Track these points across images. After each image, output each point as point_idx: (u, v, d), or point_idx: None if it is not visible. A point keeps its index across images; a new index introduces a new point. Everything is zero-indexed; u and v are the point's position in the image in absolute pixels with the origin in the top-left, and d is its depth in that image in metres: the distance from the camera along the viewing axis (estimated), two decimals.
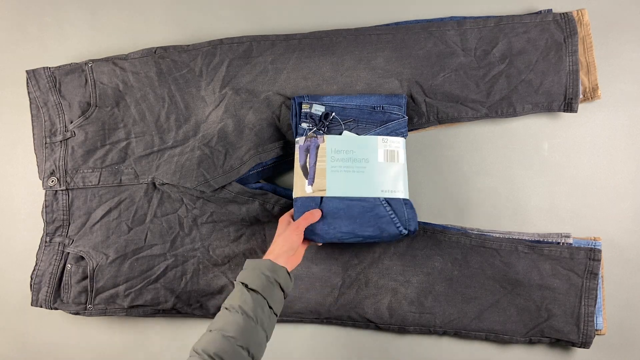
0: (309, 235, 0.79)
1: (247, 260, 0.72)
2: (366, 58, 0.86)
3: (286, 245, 0.73)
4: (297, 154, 0.83)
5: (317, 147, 0.82)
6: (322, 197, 0.80)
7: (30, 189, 0.93)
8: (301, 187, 0.81)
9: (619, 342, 0.86)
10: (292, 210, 0.82)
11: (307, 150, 0.82)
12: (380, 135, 0.82)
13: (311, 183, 0.81)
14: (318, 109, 0.83)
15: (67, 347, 0.93)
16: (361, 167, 0.81)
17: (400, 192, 0.81)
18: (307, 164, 0.82)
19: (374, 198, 0.80)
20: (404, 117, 0.83)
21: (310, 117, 0.83)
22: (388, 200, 0.80)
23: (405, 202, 0.81)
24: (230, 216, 0.86)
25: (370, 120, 0.83)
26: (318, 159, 0.82)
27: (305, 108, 0.83)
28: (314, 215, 0.78)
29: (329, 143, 0.82)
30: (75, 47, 0.95)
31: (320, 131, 0.83)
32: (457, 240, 0.85)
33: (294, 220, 0.79)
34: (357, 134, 0.83)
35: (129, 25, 0.95)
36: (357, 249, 0.87)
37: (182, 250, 0.87)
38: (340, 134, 0.83)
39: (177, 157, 0.86)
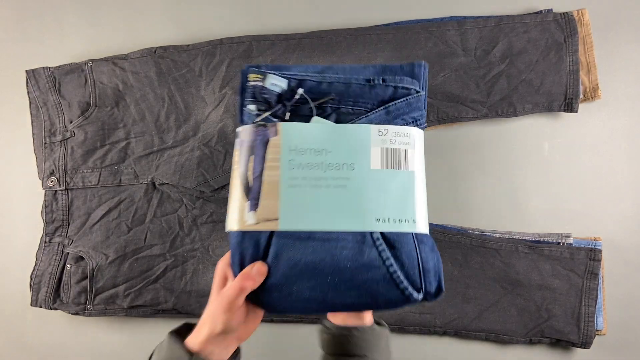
0: (252, 300, 0.50)
1: (168, 334, 0.50)
2: (366, 58, 0.86)
3: (218, 326, 0.48)
4: (237, 155, 0.51)
5: (266, 144, 0.49)
6: (271, 234, 0.48)
7: (30, 189, 0.93)
8: (238, 214, 0.49)
9: (620, 343, 0.86)
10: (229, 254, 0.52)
11: (251, 149, 0.50)
12: (375, 123, 0.50)
13: (254, 207, 0.48)
14: (276, 83, 0.50)
15: (67, 348, 0.92)
16: (341, 178, 0.49)
17: (411, 221, 0.49)
18: (249, 173, 0.49)
19: (362, 234, 0.48)
20: (418, 91, 0.52)
21: (261, 94, 0.50)
22: (387, 238, 0.48)
23: (421, 239, 0.50)
24: None
25: (361, 99, 0.51)
26: (267, 163, 0.49)
27: (253, 80, 0.50)
28: (252, 278, 0.47)
29: (287, 136, 0.49)
30: (75, 46, 0.95)
31: (276, 119, 0.50)
32: (457, 240, 0.85)
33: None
34: (337, 120, 0.51)
35: (128, 25, 0.95)
36: None
37: (182, 250, 0.86)
38: (309, 120, 0.50)
39: (177, 157, 0.86)
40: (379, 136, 0.50)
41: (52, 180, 0.87)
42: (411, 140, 0.51)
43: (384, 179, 0.49)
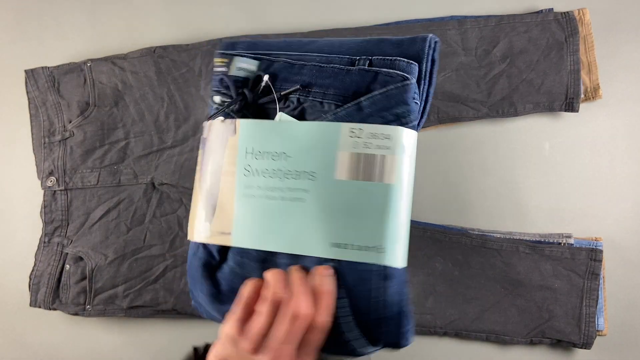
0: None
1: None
2: None
3: None
4: (200, 154, 0.46)
5: (225, 144, 0.42)
6: (224, 250, 0.43)
7: (29, 189, 0.93)
8: (196, 223, 0.44)
9: (621, 343, 0.86)
10: None
11: (213, 150, 0.44)
12: (346, 120, 0.40)
13: (210, 217, 0.43)
14: (244, 67, 0.44)
15: (66, 348, 0.92)
16: (299, 190, 0.39)
17: (376, 249, 0.38)
18: (207, 178, 0.43)
19: (316, 261, 0.40)
20: (405, 78, 0.40)
21: (223, 84, 0.44)
22: (341, 270, 0.39)
23: (389, 275, 0.39)
24: None
25: (332, 89, 0.41)
26: (224, 168, 0.42)
27: (219, 65, 0.44)
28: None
29: (245, 136, 0.41)
30: (74, 46, 0.95)
31: (238, 114, 0.42)
32: (458, 240, 0.85)
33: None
34: (300, 116, 0.42)
35: (128, 24, 0.95)
36: None
37: (182, 250, 0.86)
38: (273, 115, 0.42)
39: (177, 157, 0.85)
40: (350, 137, 0.39)
41: (51, 180, 0.87)
42: (392, 143, 0.39)
43: (350, 192, 0.39)
